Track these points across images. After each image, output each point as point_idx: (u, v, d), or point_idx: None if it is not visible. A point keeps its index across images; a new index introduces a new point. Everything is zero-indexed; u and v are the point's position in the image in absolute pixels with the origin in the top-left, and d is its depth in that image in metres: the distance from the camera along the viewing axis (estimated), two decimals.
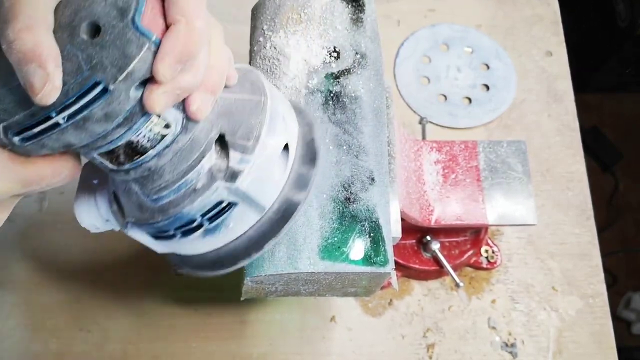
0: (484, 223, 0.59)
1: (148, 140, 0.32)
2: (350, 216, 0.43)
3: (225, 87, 0.34)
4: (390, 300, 0.69)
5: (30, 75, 0.26)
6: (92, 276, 0.68)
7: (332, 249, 0.42)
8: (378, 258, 0.42)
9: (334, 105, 0.47)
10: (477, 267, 0.70)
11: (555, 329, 0.69)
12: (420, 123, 0.74)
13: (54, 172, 0.33)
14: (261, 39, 0.49)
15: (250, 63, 0.50)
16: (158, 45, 0.28)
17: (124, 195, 0.36)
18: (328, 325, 0.67)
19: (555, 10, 0.87)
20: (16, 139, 0.30)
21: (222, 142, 0.34)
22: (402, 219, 0.51)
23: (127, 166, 0.33)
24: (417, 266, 0.67)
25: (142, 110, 0.30)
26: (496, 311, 0.69)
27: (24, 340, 0.65)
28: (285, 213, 0.36)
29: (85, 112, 0.29)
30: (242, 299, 0.47)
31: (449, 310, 0.69)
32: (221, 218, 0.35)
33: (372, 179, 0.45)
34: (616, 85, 1.70)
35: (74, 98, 0.28)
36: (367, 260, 0.42)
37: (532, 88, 0.82)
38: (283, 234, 0.36)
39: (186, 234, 0.35)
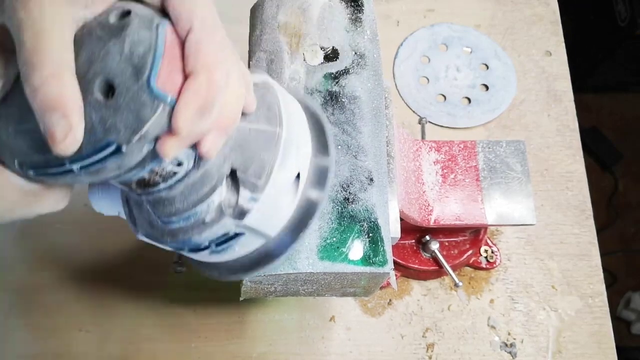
0: (483, 223, 0.59)
1: (160, 176, 0.32)
2: (349, 216, 0.43)
3: (243, 113, 0.33)
4: (390, 300, 0.69)
5: (52, 125, 0.26)
6: (92, 276, 0.68)
7: (331, 249, 0.42)
8: (377, 258, 0.42)
9: (333, 105, 0.47)
10: (477, 267, 0.70)
11: (555, 328, 0.69)
12: (419, 123, 0.74)
13: (53, 197, 0.34)
14: (260, 39, 0.49)
15: (249, 63, 0.50)
16: (174, 105, 0.28)
17: (135, 208, 0.36)
18: (327, 325, 0.67)
19: (555, 10, 0.87)
20: (31, 173, 0.30)
21: (233, 177, 0.34)
22: (401, 219, 0.51)
23: (139, 192, 0.33)
24: (416, 266, 0.67)
25: (154, 155, 0.29)
26: (495, 311, 0.69)
27: (24, 340, 0.65)
28: (291, 236, 0.37)
29: (98, 166, 0.29)
30: (241, 299, 0.47)
31: (448, 310, 0.69)
32: (227, 244, 0.35)
33: (371, 179, 0.45)
34: (616, 85, 1.70)
35: (87, 155, 0.28)
36: (366, 260, 0.42)
37: (531, 88, 0.82)
38: (283, 259, 0.37)
39: (194, 251, 0.36)
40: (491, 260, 0.70)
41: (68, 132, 0.26)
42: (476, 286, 0.70)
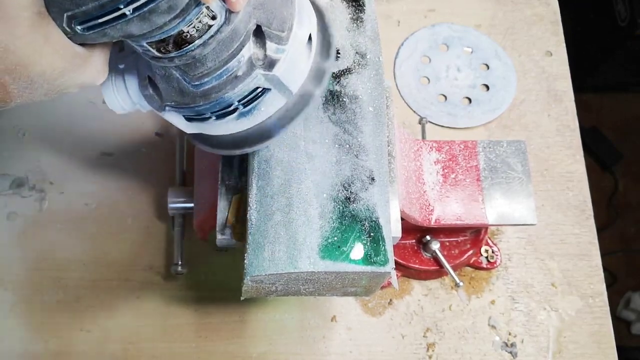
0: (483, 223, 0.59)
1: (196, 31, 0.34)
2: (350, 216, 0.43)
3: None
4: (390, 300, 0.69)
5: None
6: (92, 276, 0.68)
7: (332, 249, 0.42)
8: (378, 258, 0.42)
9: (334, 104, 0.47)
10: (477, 267, 0.70)
11: (555, 328, 0.69)
12: (420, 123, 0.74)
13: (95, 65, 0.36)
14: None
15: None
16: None
17: (162, 81, 0.39)
18: (328, 324, 0.67)
19: (555, 10, 0.87)
20: (79, 28, 0.32)
21: (259, 33, 0.37)
22: (402, 219, 0.51)
23: (173, 54, 0.35)
24: (417, 266, 0.67)
25: (197, 3, 0.32)
26: (496, 311, 0.69)
27: (24, 340, 0.65)
28: (304, 100, 0.40)
29: (152, 5, 0.30)
30: (242, 298, 0.47)
31: (448, 310, 0.69)
32: (255, 102, 0.39)
33: (372, 179, 0.45)
34: (616, 85, 1.70)
35: None
36: (367, 259, 0.42)
37: (531, 88, 0.82)
38: (302, 118, 0.40)
39: (221, 116, 0.39)
40: (492, 260, 0.70)
41: None
42: (477, 286, 0.70)
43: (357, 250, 0.42)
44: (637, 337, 1.51)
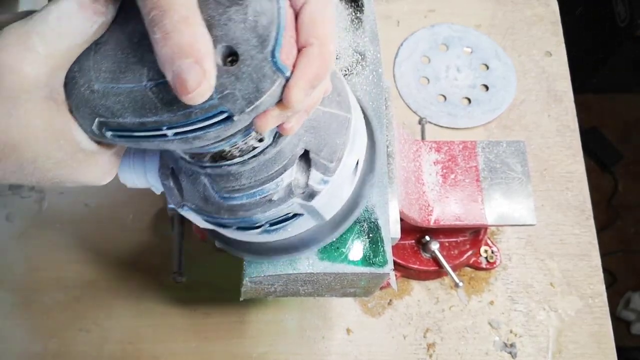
0: (483, 223, 0.59)
1: (239, 151, 0.32)
2: None
3: None
4: (390, 300, 0.69)
5: (184, 72, 0.24)
6: (92, 276, 0.68)
7: (331, 250, 0.42)
8: (377, 258, 0.42)
9: None
10: (477, 267, 0.70)
11: (555, 329, 0.69)
12: (419, 123, 0.74)
13: (103, 165, 0.32)
14: None
15: None
16: (288, 78, 0.27)
17: (187, 181, 0.35)
18: (327, 325, 0.67)
19: (555, 11, 0.87)
20: (109, 134, 0.29)
21: (305, 159, 0.34)
22: (401, 220, 0.51)
23: (208, 165, 0.33)
24: (416, 266, 0.67)
25: (247, 128, 0.29)
26: (496, 311, 0.69)
27: (24, 340, 0.65)
28: (337, 223, 0.38)
29: (199, 133, 0.27)
30: (241, 299, 0.47)
31: (448, 310, 0.69)
32: (283, 224, 0.36)
33: None
34: (616, 86, 1.70)
35: (194, 121, 0.27)
36: (366, 260, 0.42)
37: (531, 88, 0.82)
38: (329, 241, 0.38)
39: (244, 230, 0.36)
40: (491, 261, 0.70)
41: (202, 79, 0.24)
42: (476, 286, 0.70)
43: (356, 251, 0.42)
44: (637, 337, 1.51)
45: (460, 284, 0.66)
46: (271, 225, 0.35)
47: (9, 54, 0.26)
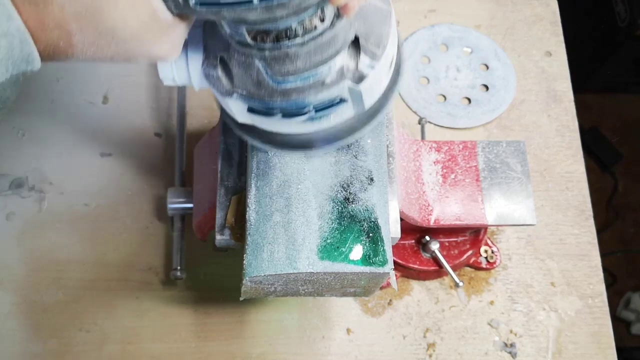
0: (483, 223, 0.59)
1: (303, 29, 0.33)
2: (349, 216, 0.43)
3: None
4: (390, 300, 0.69)
5: None
6: (92, 276, 0.68)
7: (331, 249, 0.42)
8: (377, 258, 0.42)
9: None
10: (477, 267, 0.70)
11: (555, 329, 0.69)
12: (419, 123, 0.74)
13: (174, 38, 0.33)
14: None
15: None
16: None
17: (239, 67, 0.36)
18: (327, 325, 0.67)
19: (555, 11, 0.87)
20: (193, 2, 0.30)
21: (355, 44, 0.36)
22: (401, 219, 0.51)
23: (268, 46, 0.34)
24: (416, 266, 0.67)
25: (320, 3, 0.31)
26: (496, 311, 0.69)
27: (23, 340, 0.65)
28: (370, 115, 0.40)
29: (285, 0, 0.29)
30: (241, 299, 0.47)
31: (448, 310, 0.69)
32: (327, 111, 0.37)
33: (371, 179, 0.45)
34: (616, 86, 1.70)
35: None
36: (366, 260, 0.42)
37: (531, 88, 0.82)
38: (366, 132, 0.40)
39: (289, 116, 0.37)
40: (491, 261, 0.70)
41: None
42: (476, 286, 0.70)
43: (356, 251, 0.42)
44: (637, 337, 1.51)
45: (460, 284, 0.66)
46: (317, 111, 0.37)
47: None
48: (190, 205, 0.63)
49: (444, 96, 0.81)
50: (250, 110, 0.38)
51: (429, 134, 0.75)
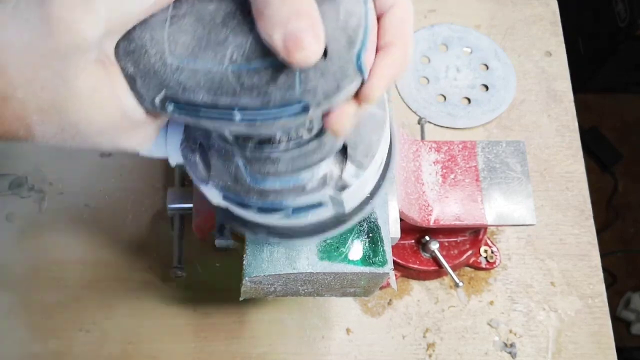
0: (483, 223, 0.59)
1: (287, 138, 0.32)
2: None
3: None
4: (390, 300, 0.69)
5: (301, 31, 0.25)
6: (92, 276, 0.68)
7: (331, 249, 0.42)
8: (377, 258, 0.42)
9: None
10: (477, 267, 0.70)
11: (555, 329, 0.69)
12: (419, 123, 0.74)
13: (146, 133, 0.32)
14: None
15: None
16: (364, 80, 0.28)
17: (217, 158, 0.35)
18: (327, 325, 0.67)
19: (555, 11, 0.87)
20: (170, 108, 0.28)
21: (342, 151, 0.35)
22: (401, 219, 0.51)
23: (250, 147, 0.33)
24: (416, 266, 0.67)
25: (311, 122, 0.30)
26: (495, 311, 0.69)
27: (23, 340, 0.65)
28: (343, 217, 0.38)
29: (269, 121, 0.27)
30: (241, 299, 0.47)
31: (448, 310, 0.69)
32: (305, 212, 0.36)
33: None
34: (616, 86, 1.70)
35: (270, 108, 0.27)
36: (365, 260, 0.42)
37: (531, 88, 0.82)
38: (338, 232, 0.38)
39: (265, 212, 0.36)
40: (491, 261, 0.70)
41: (313, 42, 0.25)
42: (476, 286, 0.70)
43: (356, 251, 0.42)
44: (637, 337, 1.51)
45: (460, 283, 0.66)
46: (294, 211, 0.36)
47: (70, 12, 0.25)
48: (190, 205, 0.63)
49: (443, 96, 0.81)
50: (226, 198, 0.36)
51: (428, 134, 0.75)
